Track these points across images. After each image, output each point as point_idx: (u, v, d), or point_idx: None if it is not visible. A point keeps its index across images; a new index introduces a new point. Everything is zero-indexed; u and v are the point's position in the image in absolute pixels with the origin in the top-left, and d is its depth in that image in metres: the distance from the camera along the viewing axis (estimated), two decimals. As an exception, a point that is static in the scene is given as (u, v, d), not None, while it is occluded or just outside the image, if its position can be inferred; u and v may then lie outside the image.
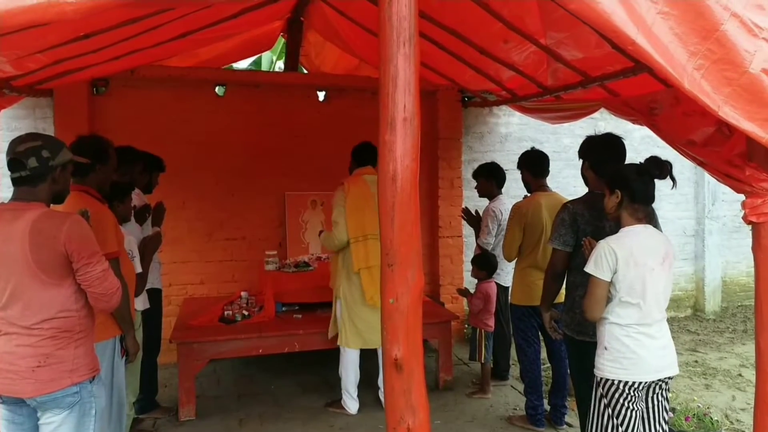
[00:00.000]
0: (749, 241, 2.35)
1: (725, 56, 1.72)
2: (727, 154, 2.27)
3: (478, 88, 4.62)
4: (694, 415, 2.98)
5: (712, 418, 2.97)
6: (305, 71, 5.96)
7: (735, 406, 3.98)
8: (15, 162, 1.86)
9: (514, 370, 4.38)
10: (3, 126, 4.41)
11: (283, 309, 4.26)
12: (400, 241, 1.71)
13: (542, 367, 3.69)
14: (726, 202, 6.61)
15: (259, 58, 8.02)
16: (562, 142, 5.86)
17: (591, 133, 2.98)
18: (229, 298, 4.47)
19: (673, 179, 2.29)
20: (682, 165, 5.56)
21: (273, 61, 8.20)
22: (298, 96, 5.14)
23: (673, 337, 6.54)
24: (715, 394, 4.27)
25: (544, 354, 3.68)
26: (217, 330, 3.83)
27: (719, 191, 6.57)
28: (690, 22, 1.68)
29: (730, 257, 6.81)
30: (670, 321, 7.13)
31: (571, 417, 3.52)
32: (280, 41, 6.15)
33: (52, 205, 1.99)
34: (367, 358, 3.82)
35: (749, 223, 2.24)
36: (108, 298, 1.94)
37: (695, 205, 6.56)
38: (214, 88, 4.98)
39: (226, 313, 4.05)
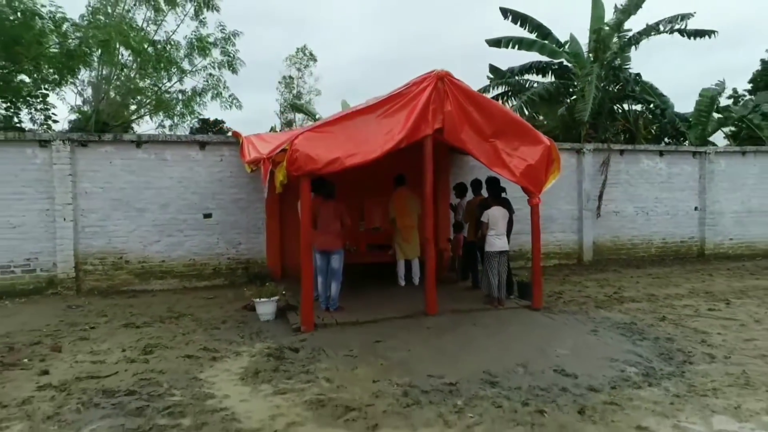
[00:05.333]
0: (609, 222, 8.84)
1: (512, 161, 7.04)
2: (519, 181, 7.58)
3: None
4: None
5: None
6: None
7: (574, 290, 9.30)
8: (324, 188, 7.13)
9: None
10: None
11: (368, 247, 9.57)
12: (429, 213, 7.03)
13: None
14: (594, 200, 11.81)
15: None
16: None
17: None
18: (342, 244, 9.71)
19: (505, 192, 7.58)
20: (570, 180, 11.07)
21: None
22: (368, 148, 10.40)
23: (559, 273, 12.22)
24: (565, 288, 9.52)
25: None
26: (347, 252, 9.12)
27: (592, 194, 11.74)
28: (499, 155, 7.03)
29: (599, 231, 11.97)
30: (562, 267, 12.84)
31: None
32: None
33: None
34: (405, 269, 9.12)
35: (530, 205, 7.51)
36: (349, 229, 7.24)
37: (578, 202, 11.77)
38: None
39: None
